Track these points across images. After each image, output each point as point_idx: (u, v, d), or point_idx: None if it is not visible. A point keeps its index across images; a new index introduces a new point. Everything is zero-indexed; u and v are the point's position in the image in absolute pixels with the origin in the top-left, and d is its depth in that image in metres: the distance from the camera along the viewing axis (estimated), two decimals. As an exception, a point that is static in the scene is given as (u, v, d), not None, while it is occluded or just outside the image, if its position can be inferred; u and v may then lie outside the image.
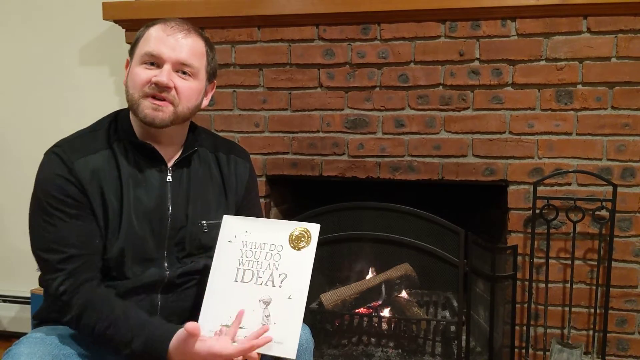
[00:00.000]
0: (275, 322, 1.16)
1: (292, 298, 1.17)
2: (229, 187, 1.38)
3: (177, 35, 1.23)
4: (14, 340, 1.18)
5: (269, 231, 1.24)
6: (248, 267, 1.21)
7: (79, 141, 1.25)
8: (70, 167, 1.19)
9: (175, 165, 1.30)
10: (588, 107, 1.84)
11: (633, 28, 1.78)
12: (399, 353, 2.09)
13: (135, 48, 1.25)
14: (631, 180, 1.84)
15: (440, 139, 1.95)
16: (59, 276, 1.17)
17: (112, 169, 1.24)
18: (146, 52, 1.22)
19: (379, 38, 1.95)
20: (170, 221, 1.28)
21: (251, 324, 1.16)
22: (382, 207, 1.97)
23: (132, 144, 1.27)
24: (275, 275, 1.20)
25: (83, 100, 2.37)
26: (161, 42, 1.22)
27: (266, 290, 1.19)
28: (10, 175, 2.46)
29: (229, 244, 1.24)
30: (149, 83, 1.20)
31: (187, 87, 1.24)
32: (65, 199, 1.18)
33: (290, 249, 1.22)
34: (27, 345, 1.12)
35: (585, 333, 1.91)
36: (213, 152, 1.38)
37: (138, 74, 1.22)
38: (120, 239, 1.22)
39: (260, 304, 1.18)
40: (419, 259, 2.05)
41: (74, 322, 1.17)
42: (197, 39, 1.26)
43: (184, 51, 1.23)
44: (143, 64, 1.22)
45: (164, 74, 1.20)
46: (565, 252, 1.90)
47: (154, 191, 1.27)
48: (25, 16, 2.40)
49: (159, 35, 1.23)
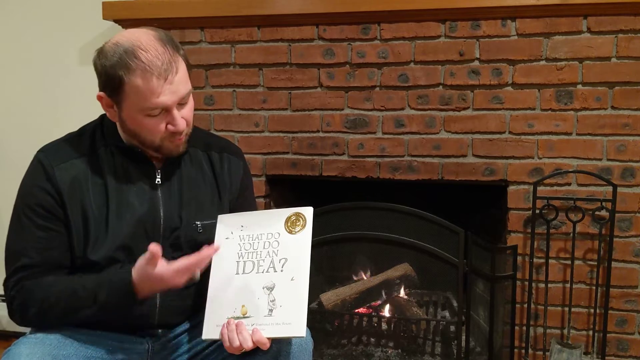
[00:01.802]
0: (281, 304, 1.18)
1: (294, 279, 1.19)
2: (223, 186, 1.37)
3: (170, 77, 1.16)
4: (13, 340, 1.18)
5: (264, 222, 1.27)
6: (248, 258, 1.24)
7: (64, 146, 1.26)
8: (51, 175, 1.21)
9: (165, 167, 1.30)
10: (588, 107, 1.84)
11: (633, 28, 1.78)
12: (398, 353, 2.09)
13: (122, 95, 1.16)
14: (631, 181, 1.84)
15: (440, 139, 1.95)
16: (10, 283, 1.21)
17: (95, 175, 1.24)
18: (151, 107, 1.17)
19: (379, 38, 1.95)
20: (163, 223, 1.28)
21: (257, 312, 1.18)
22: (381, 207, 1.97)
23: (119, 149, 1.27)
24: (276, 261, 1.22)
25: (83, 100, 2.36)
26: (163, 95, 1.16)
27: (268, 276, 1.21)
28: (8, 176, 2.45)
29: (227, 240, 1.26)
30: (165, 131, 1.21)
31: (190, 109, 1.25)
32: (37, 209, 1.20)
33: (287, 234, 1.25)
34: (27, 346, 1.13)
35: (585, 333, 1.91)
36: (205, 151, 1.38)
37: (149, 125, 1.19)
38: (108, 244, 1.22)
39: (264, 290, 1.20)
40: (419, 259, 2.05)
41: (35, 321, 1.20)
42: (180, 63, 1.19)
43: (180, 86, 1.19)
44: (147, 116, 1.19)
45: (177, 121, 1.20)
46: (565, 252, 1.89)
47: (144, 195, 1.27)
48: (25, 16, 2.40)
49: (155, 86, 1.14)
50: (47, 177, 1.21)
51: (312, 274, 1.22)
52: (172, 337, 1.33)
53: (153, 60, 1.14)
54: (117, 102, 1.19)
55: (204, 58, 2.07)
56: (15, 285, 1.20)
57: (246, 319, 1.17)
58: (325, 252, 2.06)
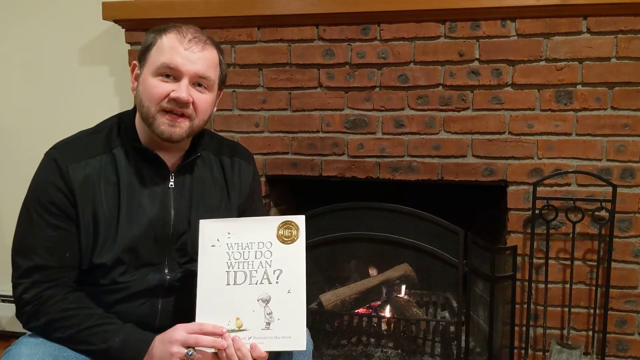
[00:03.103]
0: (279, 317, 1.15)
1: (291, 292, 1.17)
2: (232, 190, 1.37)
3: (195, 48, 1.19)
4: (12, 340, 1.18)
5: (253, 230, 1.22)
6: (239, 268, 1.19)
7: (78, 144, 1.24)
8: (64, 173, 1.19)
9: (178, 171, 1.29)
10: (588, 108, 1.84)
11: (633, 28, 1.78)
12: (398, 353, 2.09)
13: (147, 55, 1.21)
14: (631, 181, 1.84)
15: (439, 139, 1.95)
16: (23, 283, 1.18)
17: (110, 175, 1.22)
18: (163, 64, 1.18)
19: (378, 38, 1.95)
20: (173, 227, 1.27)
21: (254, 324, 1.16)
22: (381, 207, 1.97)
23: (135, 149, 1.25)
24: (270, 272, 1.19)
25: (83, 100, 2.37)
26: (178, 54, 1.18)
27: (263, 288, 1.18)
28: (9, 175, 2.46)
29: (212, 248, 1.21)
30: (167, 98, 1.18)
31: (204, 100, 1.23)
32: (50, 207, 1.18)
33: (279, 244, 1.20)
34: (27, 346, 1.12)
35: (585, 334, 1.91)
36: (216, 156, 1.37)
37: (154, 87, 1.18)
38: (117, 246, 1.21)
39: (259, 302, 1.17)
40: (419, 259, 2.04)
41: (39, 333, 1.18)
42: (212, 50, 1.24)
43: (201, 64, 1.19)
44: (158, 76, 1.19)
45: (182, 89, 1.17)
46: (564, 253, 1.89)
47: (157, 197, 1.26)
48: (25, 16, 2.40)
49: (176, 46, 1.18)
50: (60, 175, 1.18)
51: (312, 275, 1.22)
52: None
53: (185, 30, 1.21)
54: (142, 65, 1.22)
55: (203, 58, 2.07)
56: (30, 288, 1.17)
57: (242, 332, 1.15)
58: (325, 252, 2.06)
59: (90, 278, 1.22)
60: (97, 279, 1.22)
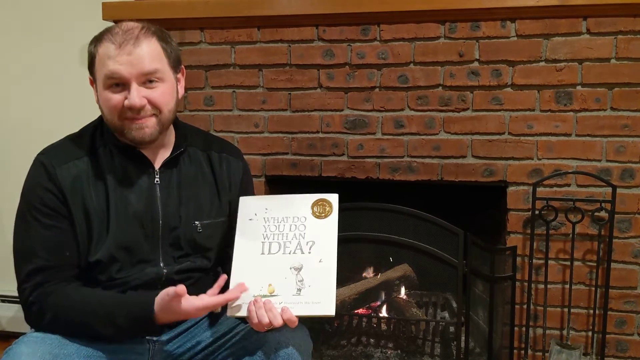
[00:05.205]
0: (310, 284, 1.20)
1: (322, 261, 1.23)
2: (222, 187, 1.37)
3: (128, 47, 1.17)
4: (12, 340, 1.18)
5: (289, 206, 1.30)
6: (274, 239, 1.26)
7: (64, 147, 1.27)
8: (53, 175, 1.21)
9: (163, 166, 1.30)
10: (587, 108, 1.84)
11: (632, 29, 1.78)
12: (398, 354, 2.09)
13: (94, 70, 1.22)
14: (630, 182, 1.84)
15: (439, 139, 1.95)
16: (27, 287, 1.20)
17: (96, 175, 1.24)
18: (106, 76, 1.18)
19: (378, 39, 1.95)
20: (162, 222, 1.28)
21: (285, 290, 1.20)
22: (381, 207, 1.97)
23: (118, 148, 1.27)
24: (303, 244, 1.25)
25: (83, 100, 2.36)
26: (116, 61, 1.17)
27: (295, 258, 1.24)
28: (9, 176, 2.46)
29: (250, 222, 1.29)
30: (122, 108, 1.19)
31: (160, 93, 1.22)
32: (42, 208, 1.20)
33: (313, 219, 1.28)
34: (27, 345, 1.13)
35: (585, 334, 1.91)
36: (205, 151, 1.38)
37: (108, 100, 1.20)
38: (109, 243, 1.22)
39: (291, 271, 1.22)
40: (418, 260, 2.04)
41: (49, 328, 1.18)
42: (149, 41, 1.20)
43: (142, 61, 1.18)
44: (108, 88, 1.19)
45: (133, 95, 1.17)
46: (564, 253, 1.90)
47: (143, 194, 1.27)
48: (25, 16, 2.40)
49: (111, 53, 1.17)
50: (49, 177, 1.21)
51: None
52: (173, 336, 1.34)
53: (116, 32, 1.19)
54: (94, 79, 1.23)
55: (203, 59, 2.08)
56: (33, 290, 1.19)
57: (273, 297, 1.19)
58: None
59: (89, 275, 1.24)
60: (96, 276, 1.24)
